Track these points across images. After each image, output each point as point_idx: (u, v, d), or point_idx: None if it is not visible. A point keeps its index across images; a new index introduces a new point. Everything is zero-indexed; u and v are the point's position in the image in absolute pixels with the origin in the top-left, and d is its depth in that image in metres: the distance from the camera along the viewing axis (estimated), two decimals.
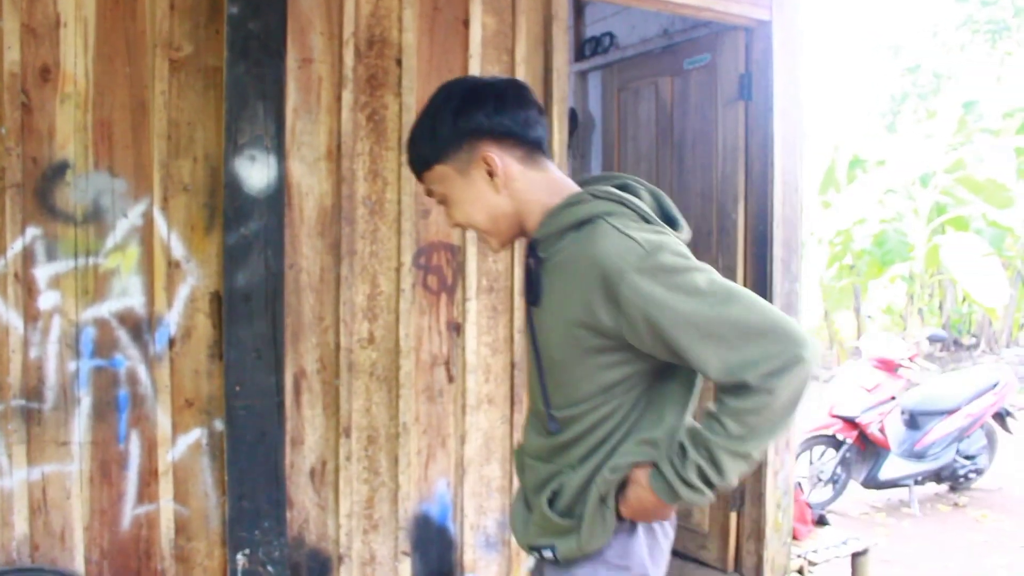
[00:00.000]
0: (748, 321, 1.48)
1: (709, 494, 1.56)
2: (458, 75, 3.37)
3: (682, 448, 1.56)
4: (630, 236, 1.55)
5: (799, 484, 4.64)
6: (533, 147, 1.72)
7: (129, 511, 3.01)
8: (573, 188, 1.73)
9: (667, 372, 1.68)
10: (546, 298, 1.67)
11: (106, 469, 2.98)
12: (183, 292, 3.06)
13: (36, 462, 2.89)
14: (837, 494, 6.29)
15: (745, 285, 4.15)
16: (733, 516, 4.20)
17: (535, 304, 1.71)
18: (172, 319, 3.04)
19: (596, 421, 1.67)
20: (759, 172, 4.15)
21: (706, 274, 1.54)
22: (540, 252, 1.68)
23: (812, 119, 13.68)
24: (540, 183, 1.72)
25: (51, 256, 2.89)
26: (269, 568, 3.11)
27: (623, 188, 1.72)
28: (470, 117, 1.66)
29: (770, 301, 3.98)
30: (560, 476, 1.72)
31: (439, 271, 3.40)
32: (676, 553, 4.52)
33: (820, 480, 6.21)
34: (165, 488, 3.04)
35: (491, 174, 1.68)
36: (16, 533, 2.87)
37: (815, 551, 4.37)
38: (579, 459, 1.70)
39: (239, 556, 3.07)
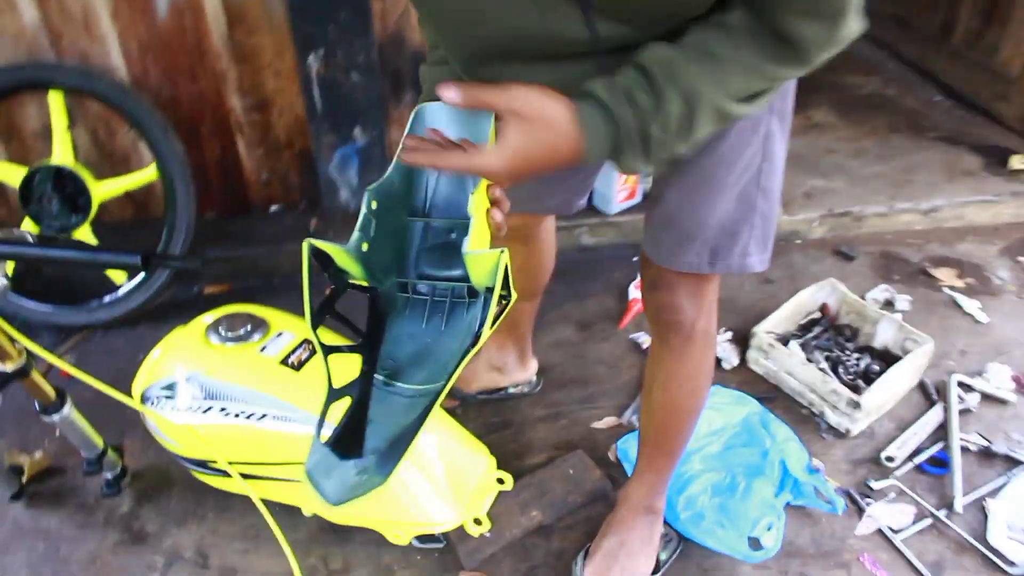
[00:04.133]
0: None
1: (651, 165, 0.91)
2: None
3: (644, 75, 0.85)
4: None
5: None
6: None
7: None
8: None
9: None
10: None
11: None
12: None
13: None
14: None
15: None
16: None
17: None
18: None
19: None
20: None
21: None
22: None
23: None
24: None
25: None
26: (353, 76, 2.28)
27: None
28: None
29: None
30: None
31: None
32: (959, 98, 3.25)
33: None
34: None
35: None
36: (27, 20, 2.18)
37: None
38: None
39: (311, 59, 2.25)
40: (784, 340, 2.10)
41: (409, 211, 0.99)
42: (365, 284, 0.94)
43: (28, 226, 2.18)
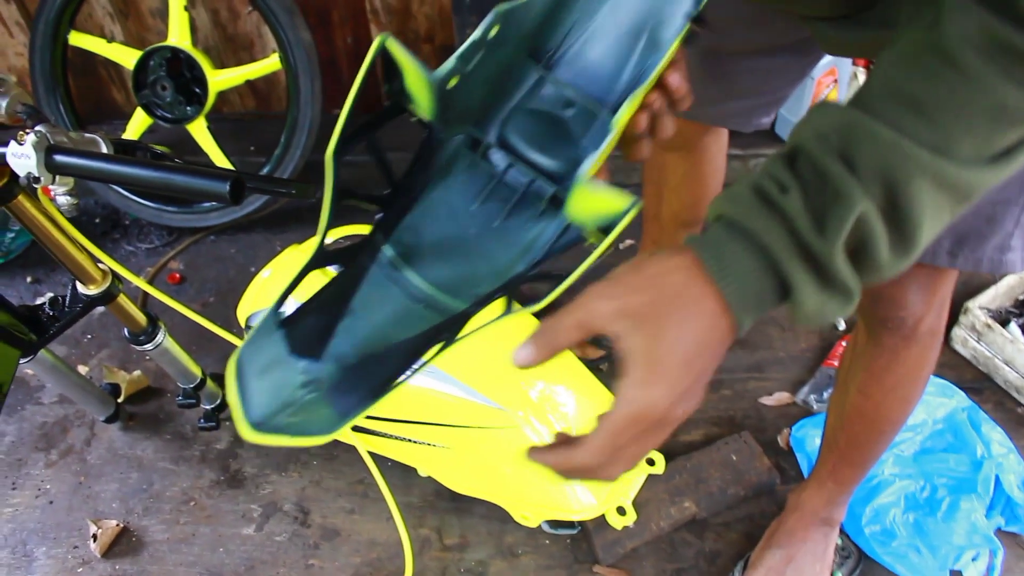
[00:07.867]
0: None
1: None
2: None
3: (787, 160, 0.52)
4: None
5: None
6: None
7: None
8: None
9: None
10: None
11: None
12: None
13: None
14: None
15: None
16: None
17: None
18: None
19: None
20: None
21: None
22: None
23: None
24: None
25: None
26: None
27: None
28: None
29: None
30: None
31: None
32: None
33: None
34: None
35: None
36: None
37: None
38: None
39: None
40: (1001, 319, 1.73)
41: (530, 51, 0.66)
42: (428, 119, 0.61)
43: (139, 117, 1.98)
